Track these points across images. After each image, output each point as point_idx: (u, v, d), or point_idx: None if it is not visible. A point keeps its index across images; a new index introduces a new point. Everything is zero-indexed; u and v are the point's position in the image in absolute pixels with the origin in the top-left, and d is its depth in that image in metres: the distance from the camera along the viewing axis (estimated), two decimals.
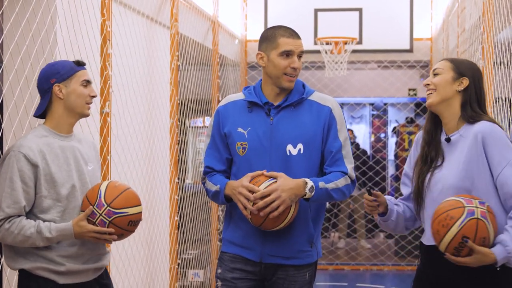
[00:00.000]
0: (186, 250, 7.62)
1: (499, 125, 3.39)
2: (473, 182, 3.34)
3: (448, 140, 3.46)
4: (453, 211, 3.22)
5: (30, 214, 3.35)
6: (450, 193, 3.35)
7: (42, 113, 3.49)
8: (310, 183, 3.59)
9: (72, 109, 3.47)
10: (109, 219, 3.35)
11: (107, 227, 3.36)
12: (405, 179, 3.72)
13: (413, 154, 3.66)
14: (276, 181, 3.56)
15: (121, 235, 3.42)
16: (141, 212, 3.47)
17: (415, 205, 3.58)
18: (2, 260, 3.81)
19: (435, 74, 3.50)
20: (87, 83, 3.50)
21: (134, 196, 3.48)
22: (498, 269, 3.29)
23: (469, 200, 3.24)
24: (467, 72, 3.47)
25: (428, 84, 3.49)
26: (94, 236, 3.35)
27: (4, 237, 3.30)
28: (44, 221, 3.34)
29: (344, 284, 9.95)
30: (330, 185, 3.64)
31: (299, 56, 3.73)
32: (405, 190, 3.72)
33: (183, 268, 7.67)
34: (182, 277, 7.74)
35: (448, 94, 3.45)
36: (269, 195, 3.52)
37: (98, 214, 3.34)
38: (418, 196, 3.54)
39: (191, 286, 7.95)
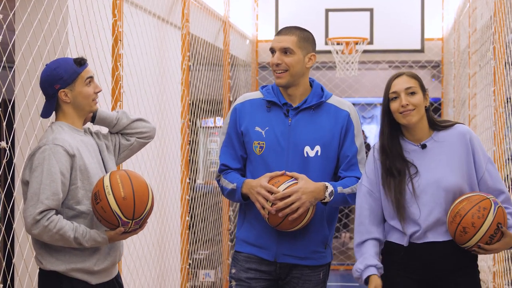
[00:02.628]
0: (197, 250, 7.63)
1: None
2: (468, 178, 3.53)
3: (424, 146, 3.56)
4: (483, 202, 3.42)
5: (64, 206, 3.34)
6: (449, 191, 3.49)
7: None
8: (330, 187, 3.60)
9: (81, 109, 3.47)
10: (139, 224, 3.38)
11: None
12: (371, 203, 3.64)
13: (371, 172, 3.64)
14: (296, 182, 3.57)
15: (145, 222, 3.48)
16: (152, 194, 3.42)
17: (398, 215, 3.55)
18: (14, 260, 3.83)
19: (411, 93, 3.54)
20: (90, 79, 3.47)
21: (142, 190, 3.36)
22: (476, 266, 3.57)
23: (483, 194, 3.48)
24: (423, 86, 3.61)
25: (407, 104, 3.52)
26: (124, 238, 3.44)
27: (41, 234, 3.25)
28: (79, 212, 3.36)
29: (355, 284, 9.93)
30: (347, 190, 3.66)
31: (284, 52, 3.70)
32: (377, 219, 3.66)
33: (194, 268, 7.68)
34: (193, 277, 7.74)
35: (423, 111, 3.57)
36: (289, 196, 3.53)
37: (129, 227, 3.35)
38: (399, 206, 3.53)
39: (202, 286, 7.95)
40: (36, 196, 3.24)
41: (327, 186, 3.60)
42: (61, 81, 3.39)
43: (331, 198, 3.60)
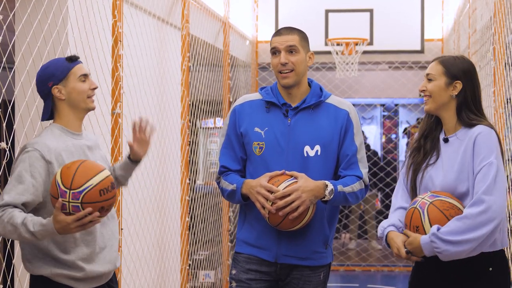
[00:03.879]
0: (197, 251, 7.63)
1: (495, 131, 3.44)
2: (467, 180, 3.39)
3: (446, 140, 3.51)
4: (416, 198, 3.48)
5: (45, 212, 3.30)
6: (443, 189, 3.44)
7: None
8: (330, 186, 3.60)
9: (76, 106, 3.44)
10: (79, 201, 3.12)
11: (82, 210, 3.15)
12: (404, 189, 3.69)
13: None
14: (296, 181, 3.57)
15: (102, 209, 3.19)
16: (108, 176, 3.22)
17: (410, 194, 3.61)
18: (14, 261, 3.82)
19: (429, 79, 3.51)
20: (85, 77, 3.45)
21: (91, 166, 3.23)
22: (491, 269, 3.38)
23: (432, 194, 3.41)
24: (459, 74, 3.48)
25: (424, 90, 3.52)
26: (78, 225, 3.14)
27: None
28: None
29: (355, 285, 9.94)
30: (347, 189, 3.66)
31: (290, 51, 3.72)
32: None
33: (194, 269, 7.68)
34: (193, 278, 7.74)
35: (444, 100, 3.49)
36: (289, 195, 3.53)
37: (67, 203, 3.12)
38: (412, 192, 3.58)
39: (202, 287, 7.95)
40: (3, 194, 3.24)
41: (327, 185, 3.60)
42: (54, 77, 3.39)
43: (331, 196, 3.60)
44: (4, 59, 3.69)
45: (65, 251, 3.34)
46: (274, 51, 3.74)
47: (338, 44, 9.91)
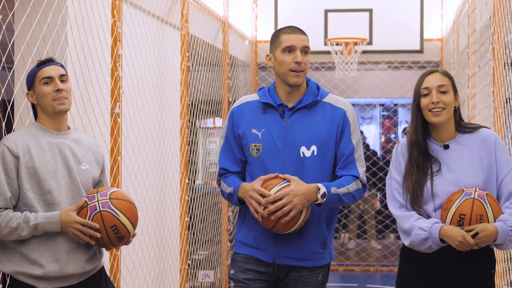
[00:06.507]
0: (197, 251, 7.63)
1: None
2: (488, 182, 3.50)
3: (447, 146, 3.58)
4: (453, 195, 3.47)
5: (17, 208, 3.36)
6: None
7: None
8: (322, 189, 3.57)
9: (45, 109, 3.48)
10: (101, 209, 3.35)
11: (93, 217, 3.35)
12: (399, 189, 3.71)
13: (398, 165, 3.70)
14: (288, 184, 3.56)
15: (100, 240, 3.40)
16: (129, 233, 3.45)
17: (412, 210, 3.61)
18: None
19: (443, 92, 3.55)
20: (49, 79, 3.45)
21: (135, 215, 3.49)
22: (493, 272, 3.52)
23: (471, 187, 3.47)
24: (455, 86, 3.62)
25: (438, 102, 3.54)
26: (78, 228, 3.32)
27: None
28: None
29: (354, 285, 9.94)
30: (342, 190, 3.63)
31: (304, 52, 3.72)
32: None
33: (194, 269, 7.68)
34: (192, 277, 7.74)
35: (452, 112, 3.59)
36: (281, 199, 3.52)
37: (96, 200, 3.37)
38: (415, 204, 3.58)
39: (201, 287, 7.95)
40: None
41: (319, 188, 3.57)
42: (27, 84, 3.51)
43: (324, 199, 3.58)
44: (3, 59, 3.69)
45: (29, 247, 3.36)
46: (289, 49, 3.70)
47: (337, 44, 9.91)
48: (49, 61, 3.50)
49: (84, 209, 3.38)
